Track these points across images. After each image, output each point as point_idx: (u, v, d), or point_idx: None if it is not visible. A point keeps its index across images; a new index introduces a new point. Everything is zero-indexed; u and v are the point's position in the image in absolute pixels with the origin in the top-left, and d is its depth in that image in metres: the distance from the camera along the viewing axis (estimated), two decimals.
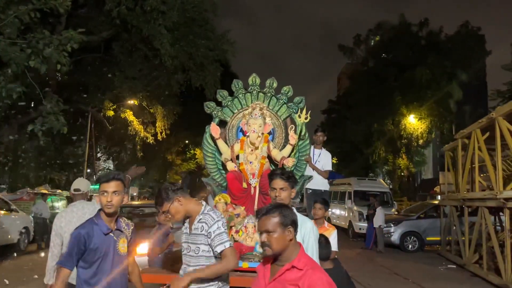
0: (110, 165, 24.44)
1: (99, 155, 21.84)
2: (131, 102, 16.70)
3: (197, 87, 15.97)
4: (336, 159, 27.15)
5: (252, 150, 3.48)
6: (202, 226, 2.00)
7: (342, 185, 15.37)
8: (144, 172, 3.26)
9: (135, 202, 13.06)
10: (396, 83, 21.13)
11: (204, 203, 2.08)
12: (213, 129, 3.62)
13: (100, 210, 2.15)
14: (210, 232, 1.95)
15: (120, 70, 15.33)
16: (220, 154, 3.70)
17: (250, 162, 3.46)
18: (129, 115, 16.91)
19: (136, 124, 17.27)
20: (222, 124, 3.88)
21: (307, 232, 2.13)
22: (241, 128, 3.73)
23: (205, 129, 3.78)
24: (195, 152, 26.40)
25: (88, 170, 21.14)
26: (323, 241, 2.60)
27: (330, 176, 4.85)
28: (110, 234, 2.11)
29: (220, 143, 3.65)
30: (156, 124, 18.29)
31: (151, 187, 29.41)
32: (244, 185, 3.40)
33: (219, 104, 3.87)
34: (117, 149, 21.32)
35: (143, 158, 20.51)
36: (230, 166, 3.46)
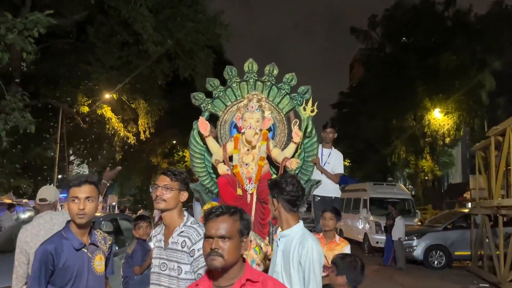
0: (85, 170, 24.41)
1: (71, 158, 21.77)
2: (108, 96, 16.65)
3: (186, 77, 15.95)
4: (348, 160, 27.10)
5: (248, 150, 3.49)
6: (184, 241, 1.95)
7: (356, 192, 15.35)
8: (118, 174, 3.23)
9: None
10: (418, 72, 21.03)
11: (186, 214, 2.08)
12: (202, 124, 3.58)
13: (69, 221, 2.08)
14: (193, 249, 1.91)
15: (95, 58, 15.29)
16: (210, 154, 3.69)
17: (246, 164, 3.46)
18: (107, 111, 16.85)
19: (114, 121, 17.22)
20: (213, 119, 3.88)
21: (305, 253, 1.99)
22: (235, 124, 3.73)
23: (193, 125, 3.77)
24: (184, 154, 26.43)
25: (59, 176, 21.09)
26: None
27: (342, 180, 4.85)
28: (83, 249, 2.05)
29: (210, 142, 3.63)
30: (138, 122, 18.27)
31: (132, 195, 29.39)
32: (239, 191, 3.38)
33: (209, 95, 3.88)
34: (93, 151, 21.22)
35: (123, 161, 20.45)
36: (222, 169, 3.43)
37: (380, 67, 22.99)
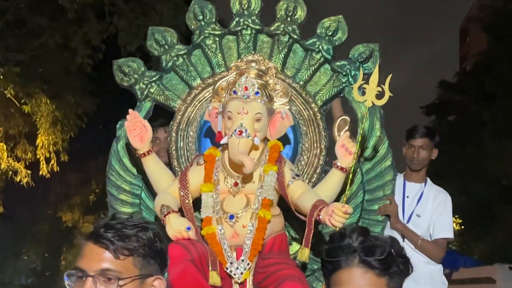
0: None
1: None
2: None
3: (133, 53, 15.85)
4: (458, 220, 26.60)
5: (236, 185, 3.50)
6: None
7: (475, 284, 14.92)
8: None
9: None
10: None
11: None
12: (134, 128, 3.57)
13: None
14: None
15: None
16: (153, 195, 3.73)
17: (231, 217, 3.42)
18: None
19: None
20: (163, 115, 4.19)
21: None
22: (209, 126, 3.76)
23: (116, 132, 3.93)
24: None
25: None
26: None
27: (449, 259, 5.08)
28: None
29: (153, 166, 3.64)
30: (37, 141, 18.21)
31: (25, 287, 28.94)
32: (213, 277, 3.27)
33: (154, 64, 4.26)
34: None
35: (6, 219, 20.20)
36: (177, 226, 3.28)
37: None
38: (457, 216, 25.98)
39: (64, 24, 15.80)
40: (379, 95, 3.40)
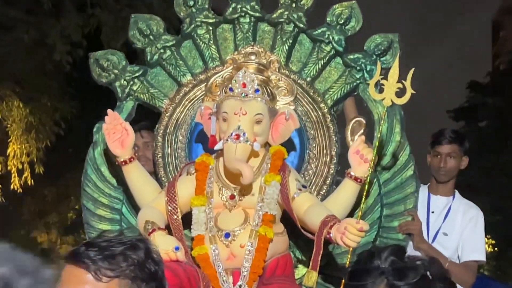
0: None
1: None
2: None
3: (118, 48, 15.91)
4: (491, 240, 26.62)
5: (232, 197, 3.49)
6: None
7: None
8: None
9: None
10: None
11: None
12: (113, 132, 3.57)
13: None
14: None
15: None
16: (135, 209, 3.76)
17: (227, 235, 3.39)
18: None
19: None
20: (148, 117, 4.37)
21: None
22: (202, 129, 3.78)
23: (93, 137, 3.96)
24: None
25: None
26: None
27: (480, 285, 4.98)
28: None
29: (135, 176, 3.65)
30: (9, 151, 18.28)
31: None
32: None
33: (141, 63, 4.21)
34: None
35: None
36: (164, 246, 3.21)
37: None
38: (489, 236, 25.96)
39: (40, 17, 15.86)
40: (399, 93, 3.39)
